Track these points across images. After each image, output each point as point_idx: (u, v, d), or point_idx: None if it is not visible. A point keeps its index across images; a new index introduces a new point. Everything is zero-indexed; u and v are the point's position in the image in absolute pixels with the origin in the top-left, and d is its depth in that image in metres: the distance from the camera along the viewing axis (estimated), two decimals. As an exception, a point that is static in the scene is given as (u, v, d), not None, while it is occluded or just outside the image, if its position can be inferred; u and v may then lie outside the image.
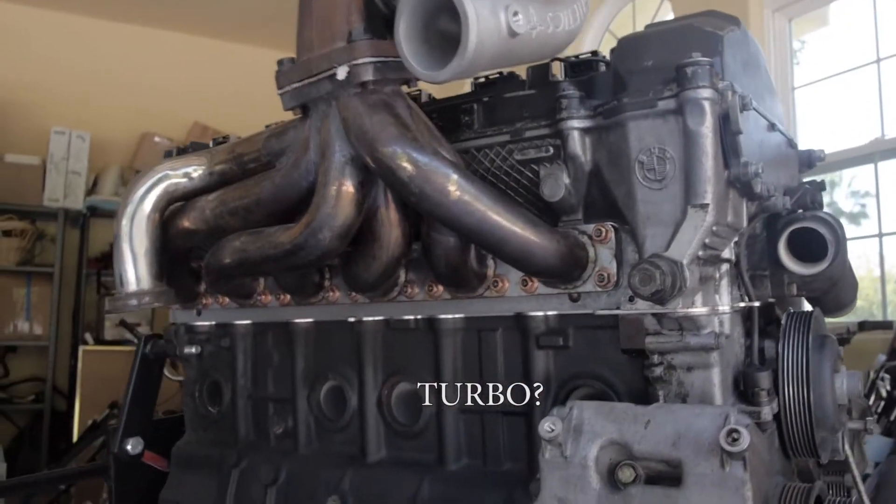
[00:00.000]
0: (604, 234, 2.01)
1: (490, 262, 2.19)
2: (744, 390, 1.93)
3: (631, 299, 1.89)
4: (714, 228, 1.82)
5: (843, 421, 2.31)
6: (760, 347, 2.19)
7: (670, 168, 1.84)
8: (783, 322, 2.20)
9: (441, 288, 2.28)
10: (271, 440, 2.75)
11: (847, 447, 2.43)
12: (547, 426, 1.79)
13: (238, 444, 2.83)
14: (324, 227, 1.97)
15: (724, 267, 2.00)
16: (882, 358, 4.96)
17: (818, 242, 2.19)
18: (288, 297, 2.62)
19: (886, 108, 6.83)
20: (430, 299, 2.31)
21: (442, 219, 1.86)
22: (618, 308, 1.97)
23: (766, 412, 1.96)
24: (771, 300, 2.35)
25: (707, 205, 1.80)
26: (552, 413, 1.83)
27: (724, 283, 2.00)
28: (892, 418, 4.58)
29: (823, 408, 2.07)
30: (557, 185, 2.03)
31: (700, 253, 1.81)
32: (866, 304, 6.98)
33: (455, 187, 1.81)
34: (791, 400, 1.96)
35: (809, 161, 2.65)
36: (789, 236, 2.21)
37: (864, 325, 5.80)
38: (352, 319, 2.51)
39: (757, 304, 2.15)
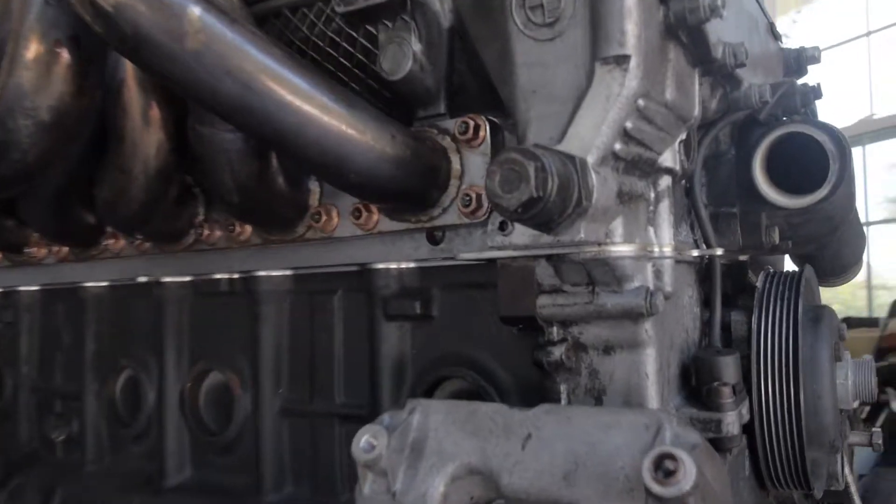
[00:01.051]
0: (472, 130, 1.25)
1: (313, 186, 1.43)
2: (696, 386, 1.17)
3: (502, 227, 1.13)
4: (641, 103, 1.07)
5: (845, 434, 1.55)
6: (725, 321, 1.43)
7: (568, 2, 1.08)
8: (760, 285, 1.45)
9: (248, 228, 1.51)
10: (57, 450, 1.98)
11: (849, 472, 1.67)
12: (365, 442, 1.06)
13: (17, 453, 2.05)
14: (15, 109, 1.19)
15: (664, 182, 1.25)
16: (868, 359, 4.25)
17: (812, 162, 1.42)
18: (66, 248, 1.84)
19: (876, 85, 6.10)
20: (235, 246, 1.54)
21: (180, 84, 1.08)
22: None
23: (731, 422, 1.21)
24: (742, 257, 1.59)
25: (627, 57, 1.04)
26: (380, 420, 1.09)
27: (664, 210, 1.24)
28: (877, 425, 4.00)
29: (820, 414, 1.32)
30: (402, 54, 1.27)
31: (617, 147, 1.06)
32: (844, 310, 6.22)
33: (195, 27, 1.04)
34: (771, 402, 1.20)
35: (798, 63, 1.87)
36: (769, 150, 1.44)
37: (848, 322, 5.07)
38: (144, 279, 1.74)
39: (719, 251, 1.39)
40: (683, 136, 1.24)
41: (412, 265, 1.41)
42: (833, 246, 1.69)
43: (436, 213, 1.29)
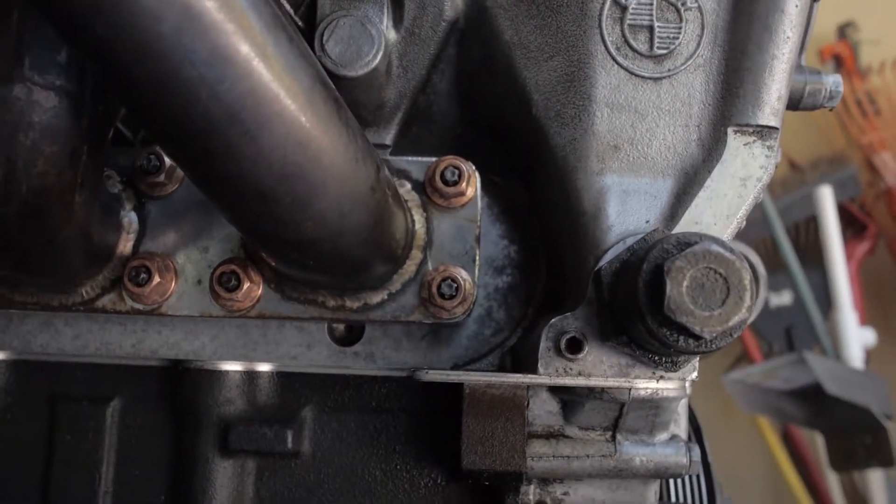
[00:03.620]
0: (457, 182, 0.80)
1: (129, 219, 0.82)
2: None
3: (574, 347, 0.72)
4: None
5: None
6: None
7: (692, 30, 0.75)
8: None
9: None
10: None
11: None
12: None
13: None
14: None
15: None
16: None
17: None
18: None
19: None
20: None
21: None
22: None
23: None
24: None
25: (775, 131, 0.74)
26: None
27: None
28: None
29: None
30: (368, 39, 0.78)
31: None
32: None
33: None
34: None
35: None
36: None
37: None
38: None
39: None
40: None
41: (265, 368, 0.88)
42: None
43: (375, 298, 0.80)
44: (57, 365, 0.89)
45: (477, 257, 0.82)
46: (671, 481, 1.08)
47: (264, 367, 0.87)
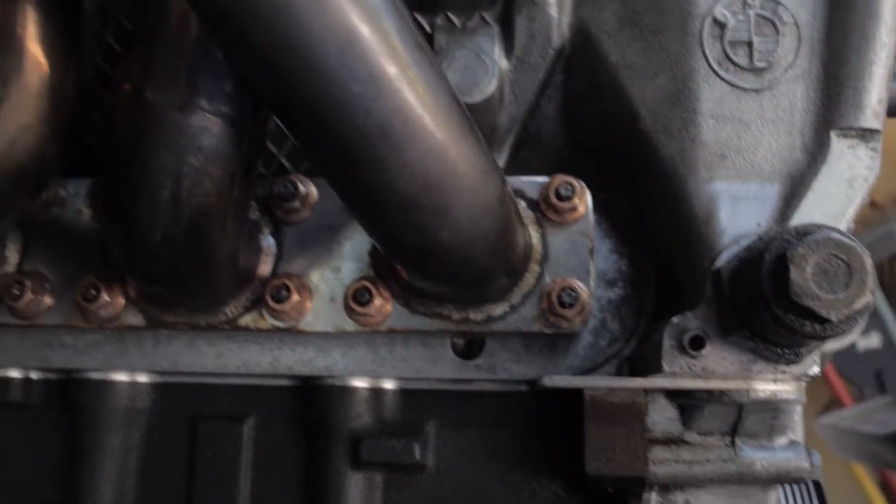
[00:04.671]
0: (570, 198, 0.86)
1: (267, 243, 0.89)
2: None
3: (695, 344, 0.75)
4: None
5: None
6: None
7: (789, 43, 0.80)
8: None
9: (118, 296, 0.89)
10: None
11: None
12: None
13: None
14: None
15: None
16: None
17: None
18: None
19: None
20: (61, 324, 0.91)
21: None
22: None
23: None
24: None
25: (877, 133, 0.78)
26: None
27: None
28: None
29: None
30: (483, 68, 0.85)
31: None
32: None
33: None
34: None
35: None
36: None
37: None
38: None
39: None
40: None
41: (390, 386, 0.93)
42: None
43: (497, 310, 0.85)
44: (197, 386, 0.96)
45: (591, 269, 0.86)
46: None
47: (389, 385, 0.92)
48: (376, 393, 0.92)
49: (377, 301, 0.85)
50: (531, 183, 0.87)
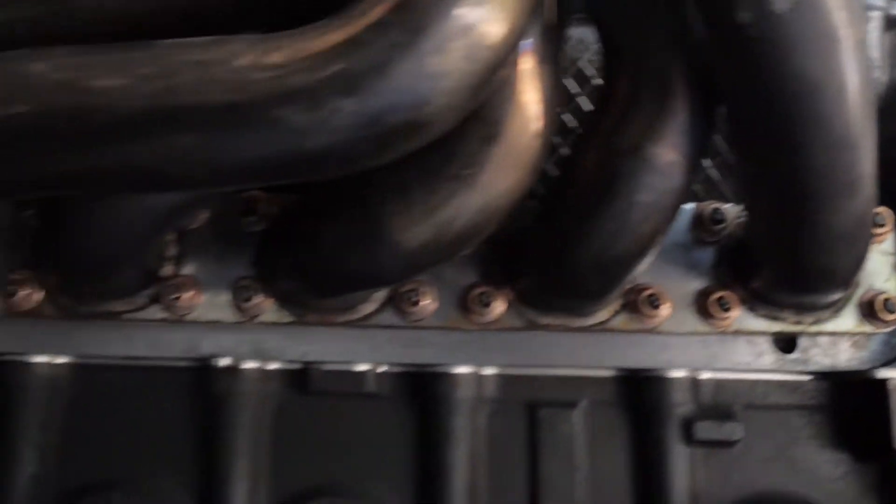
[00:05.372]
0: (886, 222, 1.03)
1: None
2: None
3: None
4: None
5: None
6: None
7: None
8: None
9: (499, 302, 1.03)
10: None
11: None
12: None
13: None
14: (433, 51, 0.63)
15: None
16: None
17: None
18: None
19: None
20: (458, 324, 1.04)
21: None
22: None
23: None
24: None
25: None
26: None
27: None
28: None
29: None
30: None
31: None
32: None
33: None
34: None
35: None
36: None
37: None
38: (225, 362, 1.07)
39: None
40: None
41: (707, 376, 1.09)
42: None
43: (825, 315, 1.02)
44: (528, 378, 1.10)
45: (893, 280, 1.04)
46: None
47: (706, 375, 1.09)
48: (694, 383, 1.09)
49: (735, 311, 1.02)
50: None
